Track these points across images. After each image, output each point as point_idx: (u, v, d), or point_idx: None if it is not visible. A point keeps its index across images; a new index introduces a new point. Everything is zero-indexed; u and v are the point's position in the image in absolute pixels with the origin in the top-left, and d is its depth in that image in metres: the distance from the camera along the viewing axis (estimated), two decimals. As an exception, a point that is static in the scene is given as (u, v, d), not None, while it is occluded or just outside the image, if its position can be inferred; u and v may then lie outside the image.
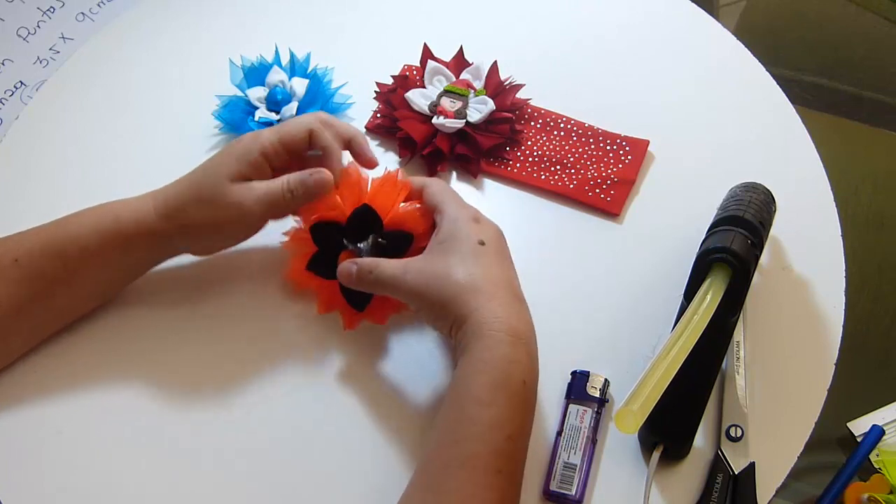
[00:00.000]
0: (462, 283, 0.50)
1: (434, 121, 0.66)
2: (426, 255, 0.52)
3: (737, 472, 0.52)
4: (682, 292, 0.54)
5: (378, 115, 0.69)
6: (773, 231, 0.58)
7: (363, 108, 0.70)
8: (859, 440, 0.69)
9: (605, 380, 0.56)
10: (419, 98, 0.67)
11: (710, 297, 0.50)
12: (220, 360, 0.58)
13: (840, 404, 0.59)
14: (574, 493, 0.52)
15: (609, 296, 0.61)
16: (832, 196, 0.64)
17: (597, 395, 0.55)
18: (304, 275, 0.58)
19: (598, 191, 0.65)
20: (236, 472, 0.54)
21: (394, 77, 0.70)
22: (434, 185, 0.56)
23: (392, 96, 0.69)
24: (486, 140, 0.66)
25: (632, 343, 0.58)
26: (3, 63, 0.80)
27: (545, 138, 0.68)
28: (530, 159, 0.67)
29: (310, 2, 0.78)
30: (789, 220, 0.61)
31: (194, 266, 0.61)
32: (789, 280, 0.61)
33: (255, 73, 0.69)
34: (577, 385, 0.55)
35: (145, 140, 0.70)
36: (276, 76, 0.69)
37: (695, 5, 0.76)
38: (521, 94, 0.69)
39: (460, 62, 0.70)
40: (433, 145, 0.66)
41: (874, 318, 0.78)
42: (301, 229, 0.58)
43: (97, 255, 0.54)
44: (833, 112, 0.95)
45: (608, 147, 0.67)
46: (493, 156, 0.67)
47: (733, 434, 0.54)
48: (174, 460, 0.55)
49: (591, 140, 0.67)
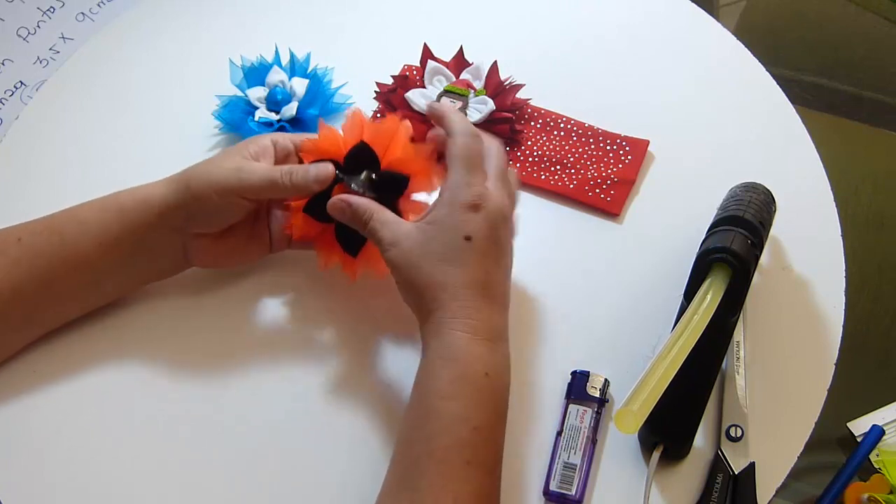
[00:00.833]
0: (432, 277, 0.49)
1: (434, 121, 0.66)
2: (416, 233, 0.50)
3: (737, 472, 0.52)
4: (682, 292, 0.54)
5: (378, 116, 0.69)
6: (773, 231, 0.58)
7: (363, 108, 0.70)
8: (859, 440, 0.69)
9: (605, 380, 0.56)
10: (419, 98, 0.67)
11: (710, 297, 0.50)
12: (220, 359, 0.58)
13: (840, 404, 0.59)
14: (574, 493, 0.52)
15: (609, 296, 0.61)
16: (832, 196, 0.64)
17: (597, 395, 0.55)
18: (303, 219, 0.57)
19: (598, 191, 0.65)
20: (236, 470, 0.54)
21: (394, 77, 0.70)
22: (455, 146, 0.52)
23: (392, 96, 0.69)
24: (486, 140, 0.66)
25: (632, 343, 0.58)
26: (3, 63, 0.80)
27: (545, 138, 0.68)
28: (530, 159, 0.67)
29: (310, 2, 0.78)
30: (789, 220, 0.61)
31: (195, 269, 0.61)
32: (789, 280, 0.61)
33: (255, 73, 0.69)
34: (577, 385, 0.55)
35: (145, 140, 0.70)
36: (276, 76, 0.69)
37: (695, 5, 0.76)
38: (521, 94, 0.69)
39: (460, 62, 0.70)
40: (433, 145, 0.66)
41: (874, 318, 0.78)
42: None
43: (95, 232, 0.54)
44: (833, 112, 0.95)
45: (608, 147, 0.67)
46: (493, 156, 0.67)
47: (733, 434, 0.54)
48: (174, 459, 0.55)
49: (591, 140, 0.67)
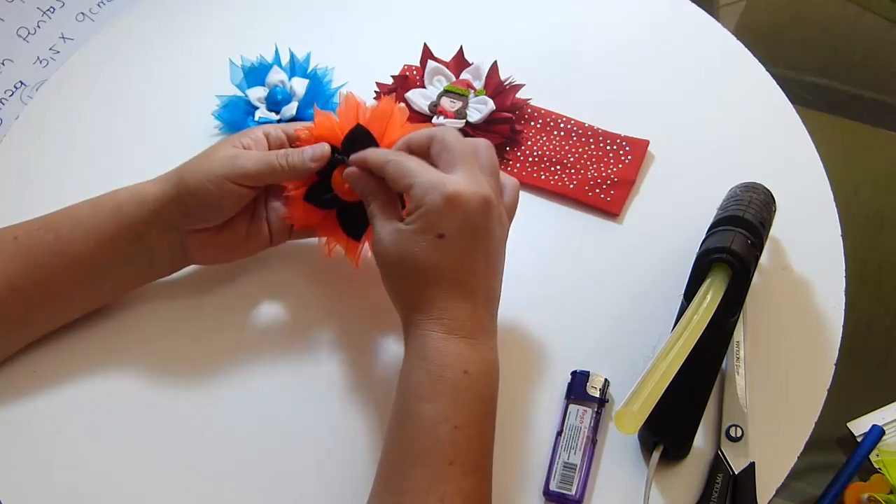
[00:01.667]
0: (409, 278, 0.49)
1: (434, 121, 0.66)
2: (395, 234, 0.49)
3: (737, 472, 0.52)
4: (682, 292, 0.54)
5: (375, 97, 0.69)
6: (773, 231, 0.58)
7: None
8: (859, 440, 0.69)
9: (605, 380, 0.56)
10: (419, 98, 0.67)
11: (710, 297, 0.50)
12: (221, 360, 0.58)
13: (840, 404, 0.59)
14: (574, 493, 0.52)
15: (609, 296, 0.61)
16: (832, 196, 0.64)
17: (597, 395, 0.55)
18: (303, 208, 0.57)
19: (598, 191, 0.65)
20: (236, 471, 0.54)
21: (394, 77, 0.70)
22: (436, 142, 0.51)
23: (392, 96, 0.69)
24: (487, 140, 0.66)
25: (632, 343, 0.58)
26: (3, 63, 0.80)
27: (545, 138, 0.68)
28: (530, 159, 0.67)
29: (310, 2, 0.78)
30: (789, 220, 0.61)
31: (194, 269, 0.61)
32: (789, 280, 0.61)
33: (255, 73, 0.69)
34: (577, 385, 0.55)
35: (145, 140, 0.70)
36: (276, 76, 0.69)
37: (695, 5, 0.76)
38: (521, 94, 0.69)
39: (460, 62, 0.70)
40: (433, 145, 0.66)
41: (874, 318, 0.78)
42: None
43: (91, 229, 0.54)
44: (833, 112, 0.95)
45: (608, 147, 0.67)
46: (493, 156, 0.67)
47: (733, 434, 0.54)
48: (174, 459, 0.55)
49: (591, 140, 0.67)
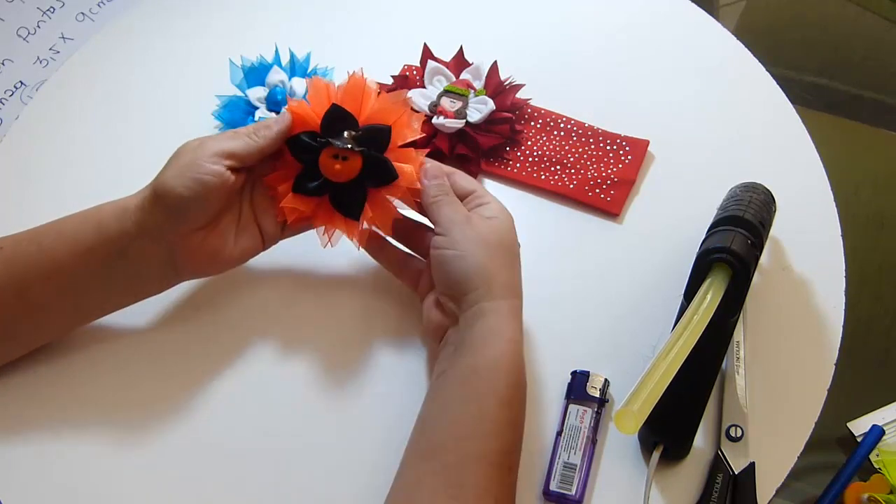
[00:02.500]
0: (483, 268, 0.51)
1: (434, 121, 0.66)
2: (466, 224, 0.53)
3: (737, 472, 0.52)
4: (682, 292, 0.54)
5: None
6: (773, 231, 0.58)
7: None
8: (859, 440, 0.69)
9: (605, 380, 0.56)
10: (419, 98, 0.67)
11: (710, 297, 0.50)
12: (219, 362, 0.59)
13: (840, 404, 0.59)
14: (574, 493, 0.52)
15: (609, 296, 0.61)
16: (832, 196, 0.64)
17: (597, 395, 0.55)
18: (294, 199, 0.56)
19: (598, 191, 0.65)
20: (236, 472, 0.54)
21: (394, 77, 0.70)
22: (428, 190, 0.55)
23: (392, 96, 0.69)
24: (486, 140, 0.66)
25: (632, 343, 0.58)
26: (3, 63, 0.80)
27: (545, 138, 0.68)
28: (530, 159, 0.67)
29: (310, 2, 0.78)
30: (789, 220, 0.61)
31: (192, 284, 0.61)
32: (789, 280, 0.61)
33: (255, 73, 0.69)
34: (577, 385, 0.55)
35: (145, 140, 0.70)
36: (276, 76, 0.69)
37: (695, 5, 0.76)
38: (521, 94, 0.69)
39: (460, 62, 0.70)
40: (433, 145, 0.66)
41: (874, 318, 0.78)
42: (280, 161, 0.56)
43: (72, 240, 0.53)
44: (833, 112, 0.95)
45: (608, 147, 0.67)
46: (493, 156, 0.67)
47: (733, 434, 0.54)
48: (174, 460, 0.55)
49: (591, 140, 0.67)
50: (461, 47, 0.71)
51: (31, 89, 0.80)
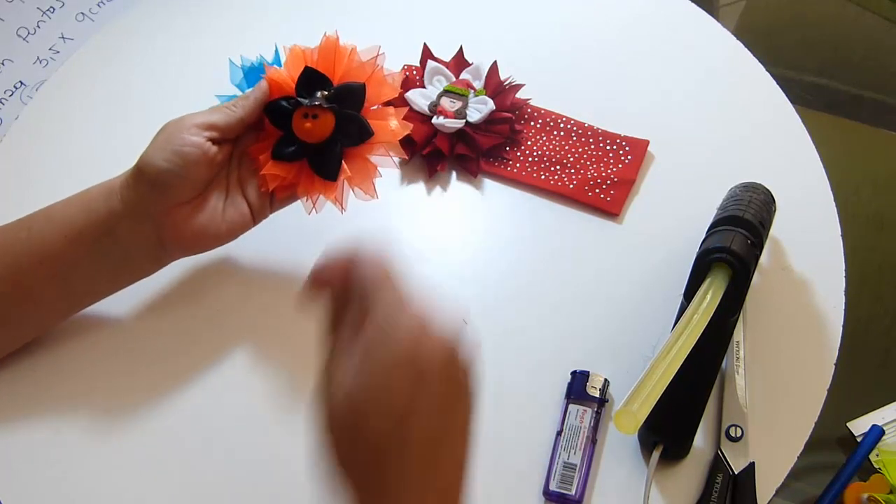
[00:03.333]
0: None
1: (434, 121, 0.66)
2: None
3: (737, 472, 0.52)
4: (682, 292, 0.54)
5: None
6: (773, 231, 0.58)
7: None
8: (859, 440, 0.69)
9: (605, 380, 0.56)
10: (419, 98, 0.67)
11: (710, 297, 0.50)
12: (217, 360, 0.59)
13: (840, 404, 0.59)
14: (574, 493, 0.52)
15: (609, 296, 0.61)
16: (832, 196, 0.64)
17: (597, 395, 0.55)
18: (274, 168, 0.55)
19: (598, 191, 0.65)
20: (236, 472, 0.54)
21: (394, 77, 0.70)
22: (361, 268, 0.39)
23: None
24: (486, 140, 0.66)
25: (632, 343, 0.58)
26: (3, 63, 0.80)
27: (545, 138, 0.68)
28: (530, 159, 0.67)
29: (310, 2, 0.78)
30: (789, 220, 0.61)
31: (188, 272, 0.61)
32: (789, 280, 0.61)
33: (255, 73, 0.69)
34: (577, 385, 0.55)
35: (145, 140, 0.70)
36: (276, 76, 0.69)
37: (695, 5, 0.76)
38: (521, 94, 0.69)
39: (460, 62, 0.70)
40: (433, 145, 0.66)
41: (874, 318, 0.78)
42: (263, 132, 0.56)
43: (60, 224, 0.53)
44: (833, 112, 0.95)
45: (608, 147, 0.67)
46: (493, 156, 0.67)
47: (733, 434, 0.54)
48: (174, 459, 0.55)
49: (591, 140, 0.67)
50: (461, 47, 0.71)
51: (31, 89, 0.80)
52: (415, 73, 0.70)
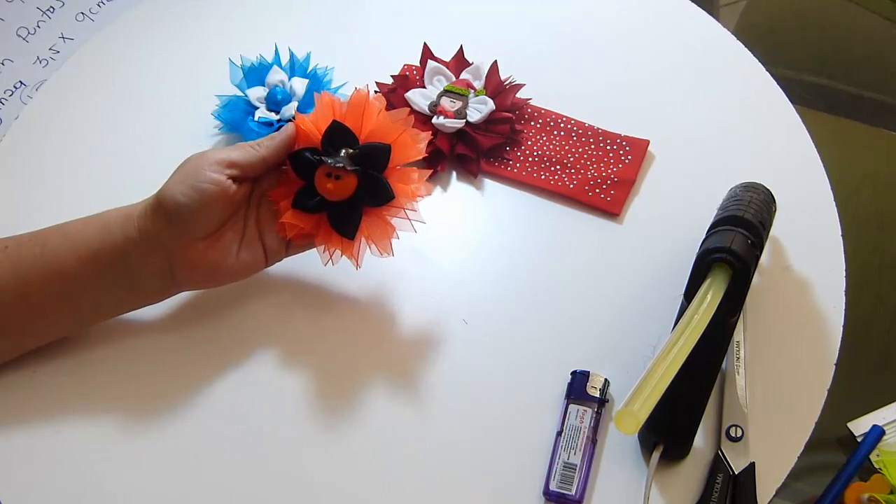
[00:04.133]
0: None
1: (434, 121, 0.66)
2: None
3: (737, 472, 0.52)
4: (682, 292, 0.54)
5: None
6: (773, 231, 0.58)
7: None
8: (859, 440, 0.69)
9: (605, 380, 0.56)
10: (419, 98, 0.67)
11: (710, 297, 0.50)
12: (219, 363, 0.59)
13: (840, 404, 0.59)
14: (574, 493, 0.52)
15: (609, 296, 0.61)
16: (832, 196, 0.65)
17: (597, 395, 0.55)
18: (294, 217, 0.55)
19: (598, 191, 0.65)
20: (235, 472, 0.54)
21: (394, 77, 0.70)
22: None
23: (392, 96, 0.69)
24: (486, 140, 0.66)
25: (632, 343, 0.58)
26: (3, 63, 0.80)
27: (545, 138, 0.68)
28: (530, 159, 0.67)
29: (310, 2, 0.78)
30: (789, 220, 0.61)
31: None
32: (789, 280, 0.61)
33: (255, 73, 0.69)
34: (577, 385, 0.55)
35: (145, 140, 0.70)
36: (276, 76, 0.69)
37: (695, 5, 0.76)
38: (521, 94, 0.69)
39: (460, 62, 0.70)
40: (433, 145, 0.66)
41: (874, 318, 0.77)
42: (285, 177, 0.56)
43: (76, 244, 0.53)
44: (833, 112, 0.95)
45: (608, 147, 0.67)
46: (493, 156, 0.67)
47: (733, 434, 0.54)
48: (174, 459, 0.55)
49: (591, 140, 0.67)
50: (461, 47, 0.71)
51: (30, 89, 0.80)
52: (415, 72, 0.70)
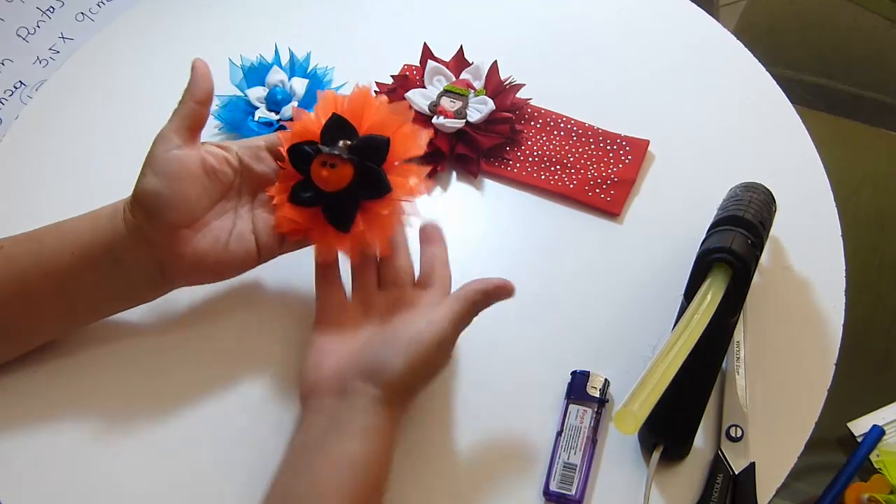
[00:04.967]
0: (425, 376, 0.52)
1: (434, 121, 0.66)
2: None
3: (737, 472, 0.52)
4: (682, 292, 0.54)
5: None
6: (773, 231, 0.58)
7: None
8: (859, 440, 0.69)
9: (605, 380, 0.56)
10: (419, 98, 0.67)
11: (710, 297, 0.50)
12: (218, 362, 0.59)
13: (840, 404, 0.59)
14: (574, 493, 0.52)
15: (609, 296, 0.61)
16: (832, 196, 0.65)
17: (597, 395, 0.55)
18: (289, 212, 0.55)
19: (598, 191, 0.65)
20: (237, 471, 0.54)
21: (394, 77, 0.70)
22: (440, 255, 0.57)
23: (392, 96, 0.69)
24: (486, 140, 0.66)
25: (632, 343, 0.58)
26: (3, 63, 0.80)
27: (545, 138, 0.68)
28: (530, 159, 0.67)
29: (310, 2, 0.78)
30: (789, 220, 0.61)
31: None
32: (789, 280, 0.61)
33: (255, 73, 0.69)
34: (577, 385, 0.55)
35: (145, 140, 0.70)
36: (276, 76, 0.69)
37: (695, 5, 0.76)
38: (521, 94, 0.69)
39: (460, 62, 0.70)
40: (433, 145, 0.66)
41: (874, 318, 0.78)
42: (283, 173, 0.56)
43: (70, 240, 0.53)
44: (833, 112, 0.95)
45: (608, 147, 0.67)
46: (493, 156, 0.67)
47: (733, 434, 0.54)
48: (174, 459, 0.55)
49: (591, 140, 0.67)
50: (461, 47, 0.71)
51: (30, 89, 0.80)
52: (415, 72, 0.70)
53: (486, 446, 0.55)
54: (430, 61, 0.69)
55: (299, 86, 0.68)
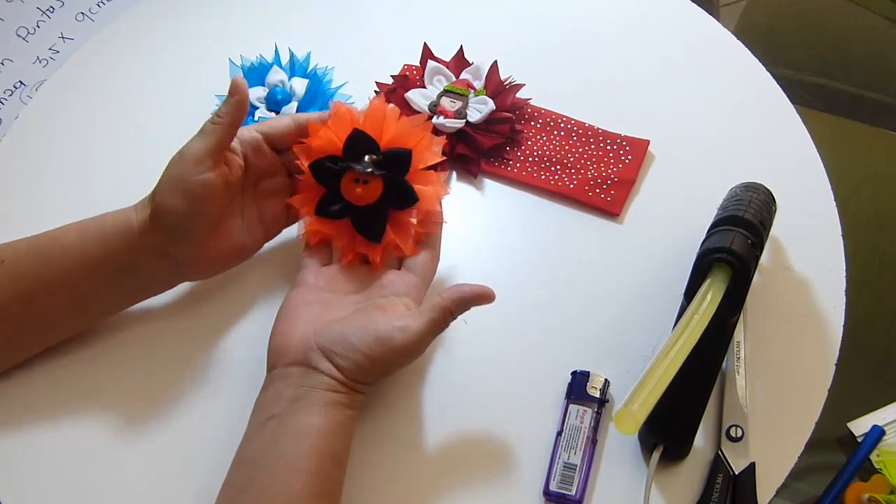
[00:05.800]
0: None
1: (434, 121, 0.66)
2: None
3: (737, 472, 0.52)
4: (682, 292, 0.54)
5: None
6: (773, 231, 0.58)
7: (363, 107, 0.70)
8: (859, 440, 0.69)
9: (605, 380, 0.56)
10: (419, 98, 0.67)
11: (710, 297, 0.50)
12: (221, 359, 0.59)
13: (840, 404, 0.59)
14: (574, 493, 0.52)
15: (609, 296, 0.61)
16: (832, 196, 0.64)
17: (597, 395, 0.55)
18: (317, 224, 0.57)
19: (598, 191, 0.65)
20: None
21: (394, 77, 0.70)
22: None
23: (392, 96, 0.69)
24: (486, 140, 0.66)
25: (632, 343, 0.58)
26: (3, 63, 0.80)
27: (545, 138, 0.68)
28: (530, 159, 0.67)
29: (310, 2, 0.78)
30: (789, 220, 0.61)
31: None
32: (789, 280, 0.61)
33: (255, 73, 0.69)
34: (577, 385, 0.55)
35: (145, 140, 0.70)
36: (276, 76, 0.69)
37: (695, 5, 0.76)
38: (521, 94, 0.69)
39: (460, 62, 0.70)
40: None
41: (874, 318, 0.78)
42: (302, 183, 0.58)
43: (78, 257, 0.53)
44: (833, 112, 0.95)
45: (608, 147, 0.67)
46: (493, 156, 0.67)
47: (733, 434, 0.54)
48: (174, 459, 0.55)
49: (591, 140, 0.67)
50: (461, 47, 0.71)
51: (30, 89, 0.80)
52: (415, 72, 0.70)
53: (487, 446, 0.55)
54: (430, 61, 0.69)
55: (299, 86, 0.68)
